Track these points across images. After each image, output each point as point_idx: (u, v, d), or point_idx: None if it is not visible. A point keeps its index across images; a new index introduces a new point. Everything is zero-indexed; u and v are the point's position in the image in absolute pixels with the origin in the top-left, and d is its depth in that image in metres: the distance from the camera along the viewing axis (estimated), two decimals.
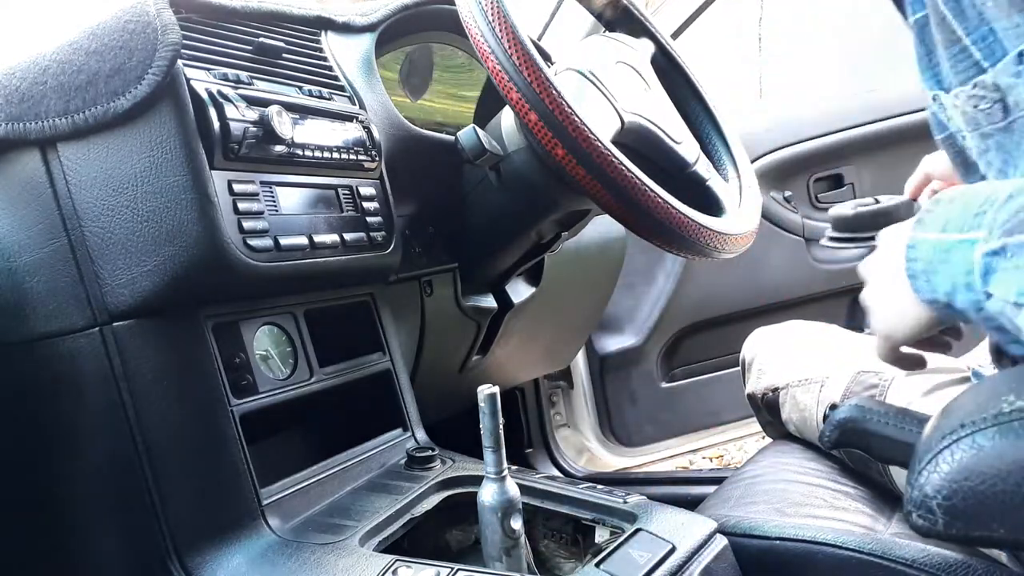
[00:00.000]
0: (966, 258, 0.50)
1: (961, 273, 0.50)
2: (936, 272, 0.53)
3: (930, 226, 0.54)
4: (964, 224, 0.51)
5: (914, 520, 0.41)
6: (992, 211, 0.49)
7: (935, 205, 0.55)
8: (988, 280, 0.48)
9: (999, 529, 0.39)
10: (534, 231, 1.09)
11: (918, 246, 0.55)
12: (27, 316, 0.69)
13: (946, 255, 0.52)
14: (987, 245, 0.48)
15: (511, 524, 0.62)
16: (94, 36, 0.69)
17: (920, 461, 0.41)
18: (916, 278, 0.55)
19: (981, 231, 0.49)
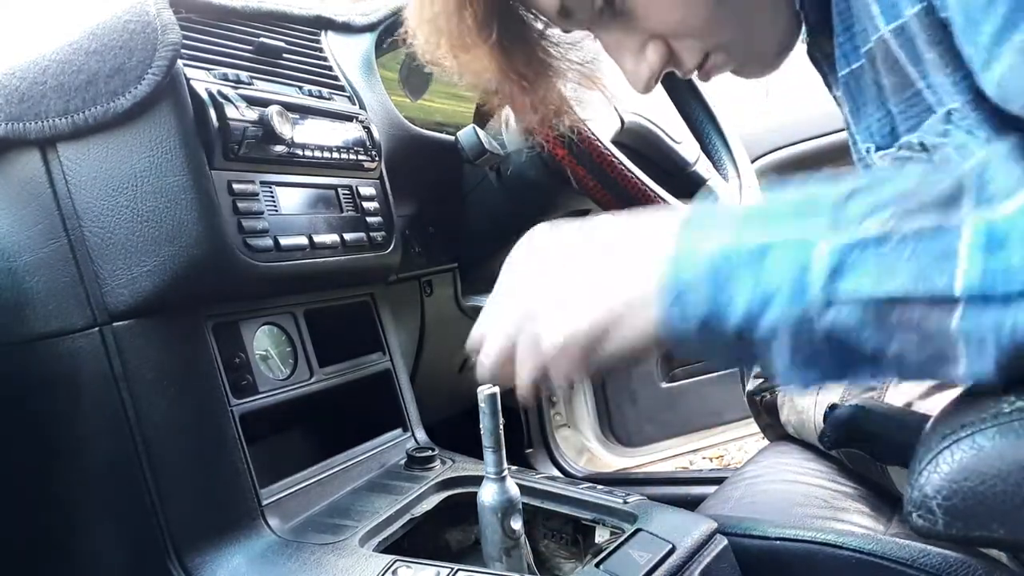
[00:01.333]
0: (795, 259, 0.41)
1: (784, 278, 0.41)
2: (733, 280, 0.42)
3: (710, 231, 0.44)
4: (780, 225, 0.42)
5: (914, 520, 0.41)
6: (830, 209, 0.41)
7: (702, 210, 0.47)
8: (839, 279, 0.40)
9: (999, 529, 0.39)
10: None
11: (697, 250, 0.44)
12: (27, 316, 0.69)
13: (756, 258, 0.42)
14: (839, 240, 0.40)
15: (511, 524, 0.62)
16: (94, 36, 0.69)
17: (920, 461, 0.41)
18: (682, 294, 0.44)
19: (812, 231, 0.41)
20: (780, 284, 0.41)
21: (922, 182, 0.40)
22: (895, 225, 0.39)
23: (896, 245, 0.39)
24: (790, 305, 0.41)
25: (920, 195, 0.39)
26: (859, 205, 0.41)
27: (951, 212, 0.38)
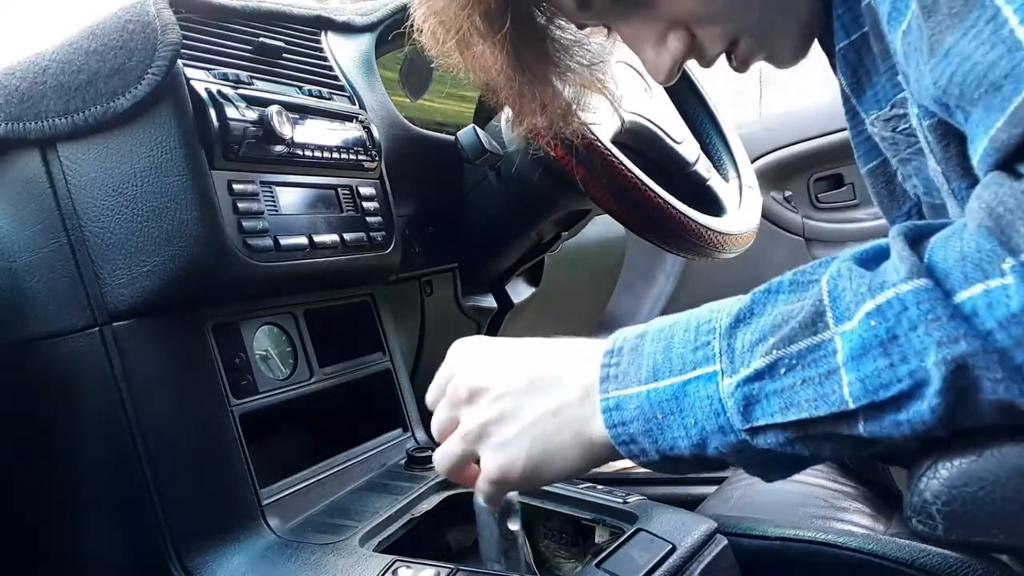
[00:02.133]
0: (707, 397, 0.44)
1: (707, 417, 0.44)
2: (666, 428, 0.45)
3: (627, 379, 0.47)
4: (684, 362, 0.45)
5: (914, 525, 0.41)
6: (718, 339, 0.44)
7: (614, 356, 0.48)
8: (752, 413, 0.42)
9: (999, 535, 0.39)
10: (534, 231, 1.09)
11: (622, 406, 0.47)
12: (27, 316, 0.69)
13: (674, 404, 0.45)
14: (738, 374, 0.42)
15: (508, 526, 0.62)
16: (94, 36, 0.69)
17: (920, 466, 0.41)
18: (632, 443, 0.47)
19: (713, 363, 0.44)
20: (705, 424, 0.44)
21: (789, 307, 0.42)
22: (779, 354, 0.41)
23: (786, 372, 0.41)
24: (723, 437, 0.44)
25: (791, 320, 0.41)
26: (744, 335, 0.43)
27: (820, 331, 0.40)
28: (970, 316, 0.36)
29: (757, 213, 1.08)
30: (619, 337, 0.50)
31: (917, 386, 0.38)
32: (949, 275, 0.36)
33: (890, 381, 0.38)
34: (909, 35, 0.42)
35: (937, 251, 0.38)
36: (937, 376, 0.37)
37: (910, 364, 0.37)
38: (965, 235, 0.37)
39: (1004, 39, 0.35)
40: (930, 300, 0.36)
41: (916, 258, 0.37)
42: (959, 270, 0.36)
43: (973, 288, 0.36)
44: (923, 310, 0.36)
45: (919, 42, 0.41)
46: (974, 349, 0.36)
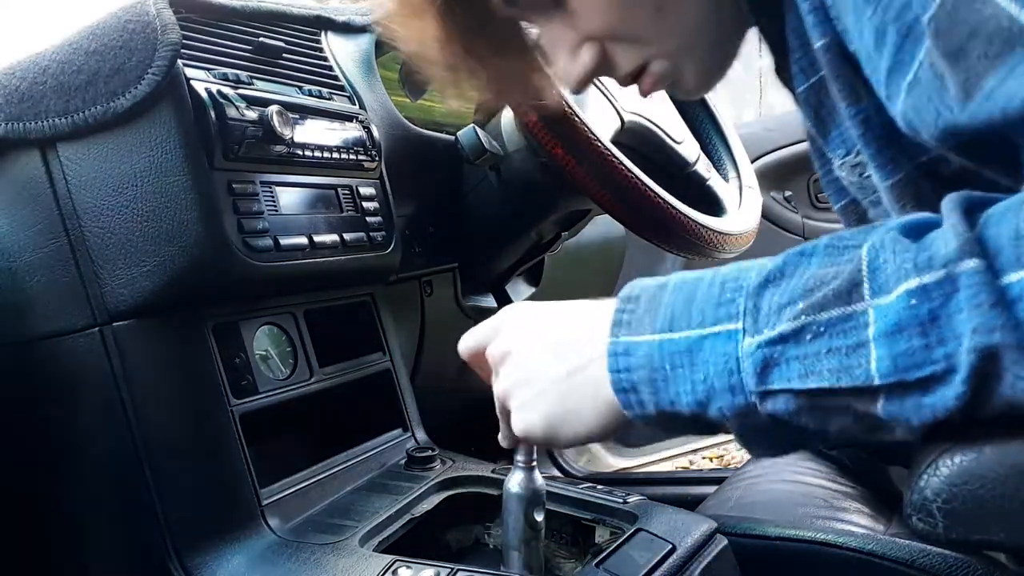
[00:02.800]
0: (724, 355, 0.42)
1: (719, 374, 0.43)
2: (672, 380, 0.44)
3: (640, 326, 0.46)
4: (704, 317, 0.44)
5: (914, 524, 0.41)
6: (744, 297, 0.43)
7: (630, 303, 0.47)
8: (769, 376, 0.41)
9: (999, 533, 0.39)
10: (534, 231, 1.09)
11: (631, 352, 0.46)
12: (27, 316, 0.69)
13: (687, 356, 0.44)
14: (761, 335, 0.41)
15: (535, 516, 0.62)
16: (94, 36, 0.69)
17: (920, 464, 0.41)
18: (631, 391, 0.46)
19: (736, 321, 0.42)
20: (715, 381, 0.43)
21: (824, 271, 0.41)
22: (807, 319, 0.40)
23: (812, 339, 0.40)
24: (731, 397, 0.43)
25: (823, 287, 0.40)
26: (772, 296, 0.42)
27: (854, 301, 0.39)
28: (1015, 301, 0.35)
29: (757, 213, 1.08)
30: (636, 285, 0.49)
31: (949, 371, 0.37)
32: (1001, 252, 0.35)
33: (923, 362, 0.37)
34: (918, 86, 0.41)
35: (992, 224, 0.36)
36: (966, 363, 0.36)
37: (947, 347, 0.36)
38: (1020, 213, 0.35)
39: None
40: (978, 284, 0.35)
41: (970, 233, 0.36)
42: (1012, 249, 0.35)
43: (1022, 271, 0.34)
44: (970, 294, 0.35)
45: (935, 91, 0.40)
46: (1007, 341, 0.35)
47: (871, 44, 0.43)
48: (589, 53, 0.62)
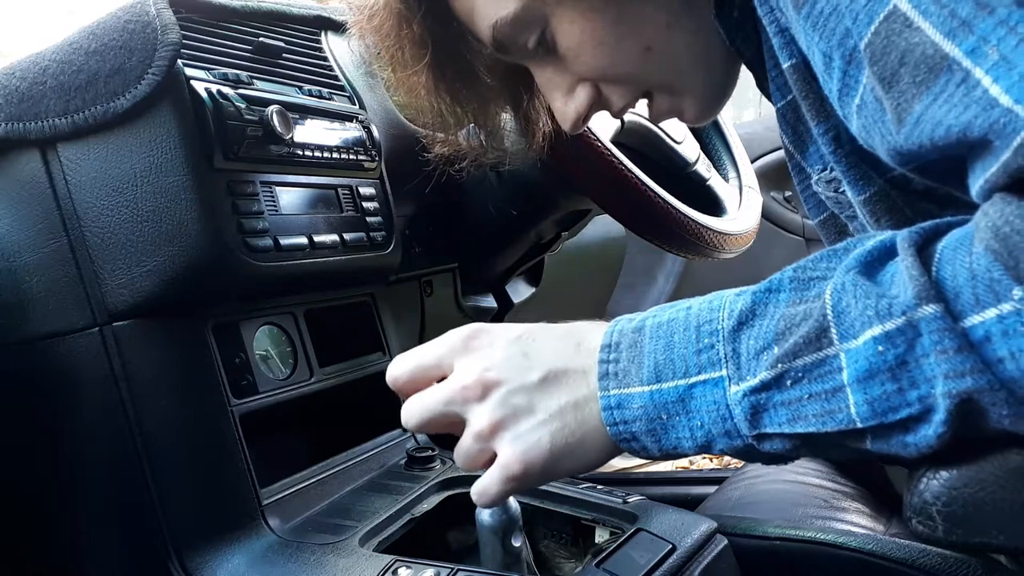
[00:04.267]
0: (714, 402, 0.44)
1: (713, 421, 0.44)
2: (671, 428, 0.45)
3: (628, 378, 0.47)
4: (688, 366, 0.45)
5: (914, 526, 0.41)
6: (722, 343, 0.44)
7: (612, 352, 0.48)
8: (760, 422, 0.42)
9: (999, 536, 0.39)
10: (534, 231, 1.09)
11: (624, 405, 0.47)
12: (27, 316, 0.69)
13: (681, 406, 0.45)
14: (745, 383, 0.42)
15: (512, 542, 0.61)
16: (94, 36, 0.69)
17: (920, 467, 0.41)
18: (633, 440, 0.47)
19: (719, 369, 0.43)
20: (712, 428, 0.44)
21: (792, 311, 0.42)
22: (785, 366, 0.41)
23: (793, 385, 0.41)
24: (729, 441, 0.44)
25: (794, 330, 0.41)
26: (748, 340, 0.43)
27: (825, 347, 0.40)
28: (980, 343, 0.35)
29: (757, 213, 1.08)
30: (615, 330, 0.49)
31: (926, 411, 0.37)
32: (960, 295, 0.36)
33: (899, 405, 0.38)
34: (865, 109, 0.42)
35: (946, 265, 0.37)
36: (943, 406, 0.37)
37: (920, 390, 0.37)
38: (974, 252, 0.36)
39: (978, 99, 0.35)
40: (939, 330, 0.36)
41: (926, 277, 0.36)
42: (970, 291, 0.35)
43: (985, 313, 0.35)
44: (932, 340, 0.36)
45: (879, 114, 0.41)
46: (980, 385, 0.35)
47: (821, 68, 0.44)
48: (584, 93, 0.63)
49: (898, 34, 0.37)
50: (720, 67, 0.64)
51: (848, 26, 0.40)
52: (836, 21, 0.41)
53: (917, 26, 0.36)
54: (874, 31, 0.38)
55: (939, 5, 0.36)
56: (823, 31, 0.42)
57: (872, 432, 0.39)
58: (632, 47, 0.60)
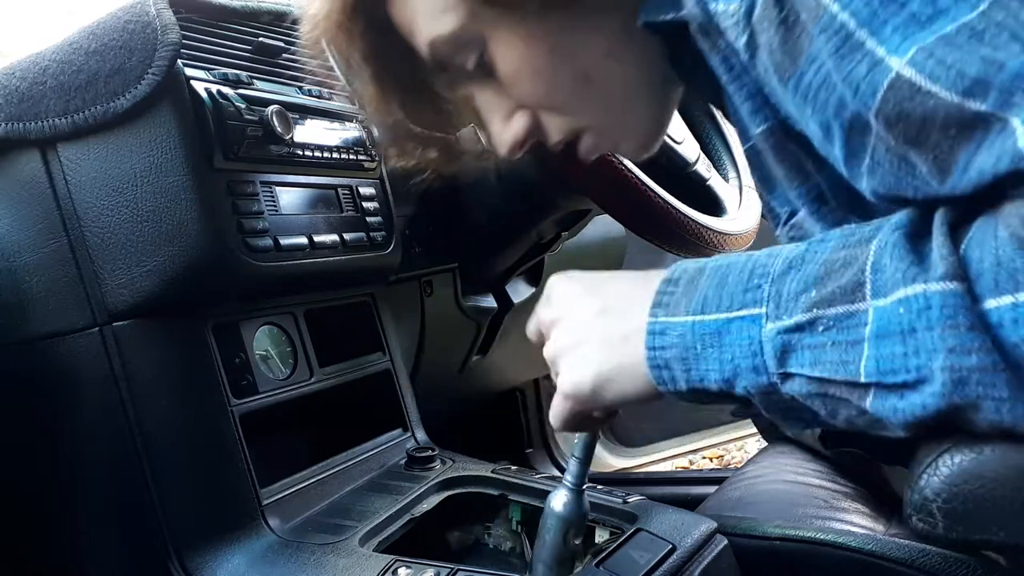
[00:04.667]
0: (749, 337, 0.45)
1: (744, 356, 0.45)
2: (703, 359, 0.47)
3: (677, 308, 0.48)
4: (732, 301, 0.46)
5: (914, 524, 0.41)
6: (769, 284, 0.45)
7: (671, 286, 0.50)
8: (787, 360, 0.43)
9: (999, 533, 0.39)
10: (534, 231, 1.09)
11: (667, 332, 0.48)
12: (27, 316, 0.69)
13: (716, 338, 0.46)
14: (780, 322, 0.43)
15: (574, 540, 0.60)
16: (94, 36, 0.69)
17: (920, 464, 0.41)
18: (664, 368, 0.49)
19: (761, 307, 0.45)
20: (741, 362, 0.45)
21: (835, 256, 0.43)
22: (819, 312, 0.42)
23: (823, 331, 0.42)
24: (755, 377, 0.45)
25: (833, 277, 0.42)
26: (791, 283, 0.44)
27: (857, 300, 0.41)
28: (994, 326, 0.36)
29: (757, 213, 1.08)
30: (679, 268, 0.51)
31: (919, 381, 0.38)
32: (981, 277, 0.37)
33: (899, 368, 0.39)
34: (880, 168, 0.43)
35: (974, 247, 0.38)
36: (939, 380, 0.38)
37: (920, 359, 0.38)
38: (999, 237, 0.37)
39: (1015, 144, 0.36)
40: (955, 306, 0.37)
41: (954, 256, 0.38)
42: (991, 275, 0.36)
43: (1002, 298, 0.36)
44: (945, 314, 0.37)
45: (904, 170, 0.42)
46: (984, 364, 0.36)
47: (820, 136, 0.45)
48: (521, 121, 0.63)
49: (910, 100, 0.38)
50: (660, 103, 0.65)
51: (844, 96, 0.41)
52: (828, 93, 0.42)
53: (928, 90, 0.37)
54: (882, 99, 0.39)
55: (945, 67, 0.36)
56: (815, 103, 0.43)
57: (874, 389, 0.40)
58: (570, 75, 0.60)
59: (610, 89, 0.61)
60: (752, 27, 0.44)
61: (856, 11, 0.39)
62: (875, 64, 0.39)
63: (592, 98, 0.61)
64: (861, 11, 0.39)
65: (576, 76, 0.60)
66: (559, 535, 0.60)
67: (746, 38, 0.45)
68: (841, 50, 0.40)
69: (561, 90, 0.61)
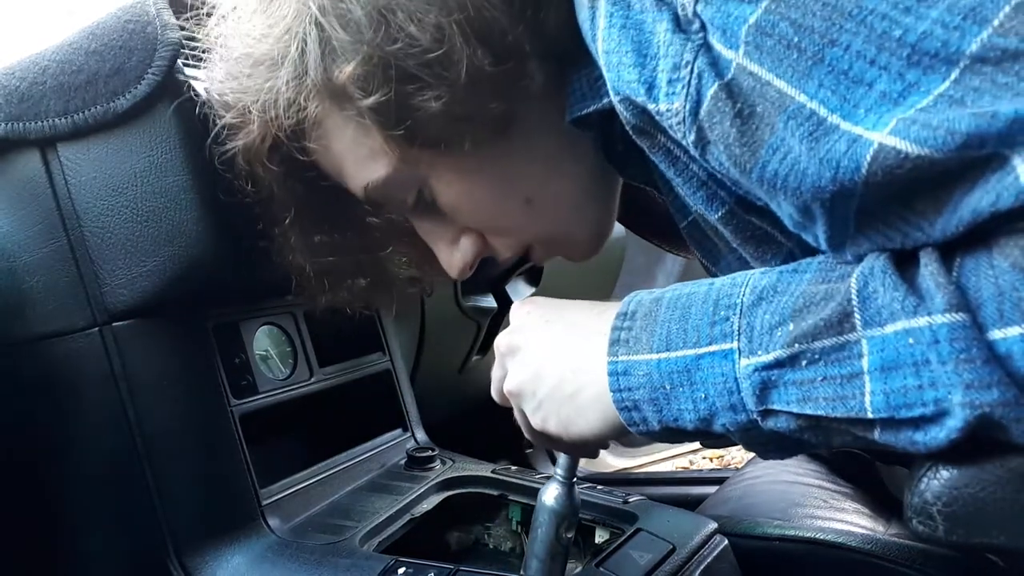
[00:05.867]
0: (722, 375, 0.43)
1: (719, 394, 0.43)
2: (674, 399, 0.45)
3: (638, 345, 0.46)
4: (700, 336, 0.44)
5: (914, 526, 0.41)
6: (739, 316, 0.43)
7: (627, 320, 0.48)
8: (768, 398, 0.41)
9: (999, 536, 0.39)
10: None
11: (631, 371, 0.46)
12: (27, 316, 0.69)
13: (686, 376, 0.44)
14: (756, 357, 0.41)
15: (566, 533, 0.60)
16: (94, 36, 0.69)
17: (920, 467, 0.41)
18: (634, 409, 0.46)
19: (731, 341, 0.42)
20: (716, 400, 0.43)
21: (813, 288, 0.41)
22: (802, 347, 0.40)
23: (808, 365, 0.40)
24: (733, 415, 0.43)
25: (813, 309, 0.40)
26: (764, 315, 0.42)
27: (846, 331, 0.39)
28: (1003, 358, 0.35)
29: None
30: (633, 300, 0.49)
31: (939, 414, 0.37)
32: (982, 308, 0.35)
33: (914, 402, 0.37)
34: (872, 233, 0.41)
35: (968, 276, 0.36)
36: (960, 415, 0.36)
37: (938, 392, 0.36)
38: (996, 266, 0.35)
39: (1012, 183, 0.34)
40: (965, 338, 0.35)
41: (953, 286, 0.36)
42: (994, 305, 0.35)
43: (1009, 329, 0.34)
44: (956, 348, 0.35)
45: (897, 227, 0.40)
46: (1006, 399, 0.35)
47: (798, 218, 0.42)
48: (468, 244, 0.64)
49: (898, 167, 0.36)
50: (603, 200, 0.65)
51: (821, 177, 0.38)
52: (799, 179, 0.39)
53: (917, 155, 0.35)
54: (869, 172, 0.37)
55: (932, 129, 0.35)
56: (786, 191, 0.40)
57: (882, 424, 0.39)
58: (512, 202, 0.60)
59: (554, 206, 0.62)
60: (699, 123, 0.42)
61: (824, 99, 0.37)
62: (854, 141, 0.37)
63: (537, 217, 0.61)
64: (830, 99, 0.37)
65: (518, 200, 0.60)
66: (552, 529, 0.60)
67: (695, 135, 0.43)
68: (815, 134, 0.38)
69: (505, 215, 0.61)
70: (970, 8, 0.34)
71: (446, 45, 0.51)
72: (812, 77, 0.38)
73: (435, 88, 0.52)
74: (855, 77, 0.37)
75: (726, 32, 0.40)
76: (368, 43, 0.51)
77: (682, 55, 0.42)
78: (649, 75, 0.44)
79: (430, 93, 0.52)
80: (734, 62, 0.40)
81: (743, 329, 0.42)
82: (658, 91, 0.44)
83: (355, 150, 0.58)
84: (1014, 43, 0.33)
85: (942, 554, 0.68)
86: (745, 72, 0.40)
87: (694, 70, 0.41)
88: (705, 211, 0.52)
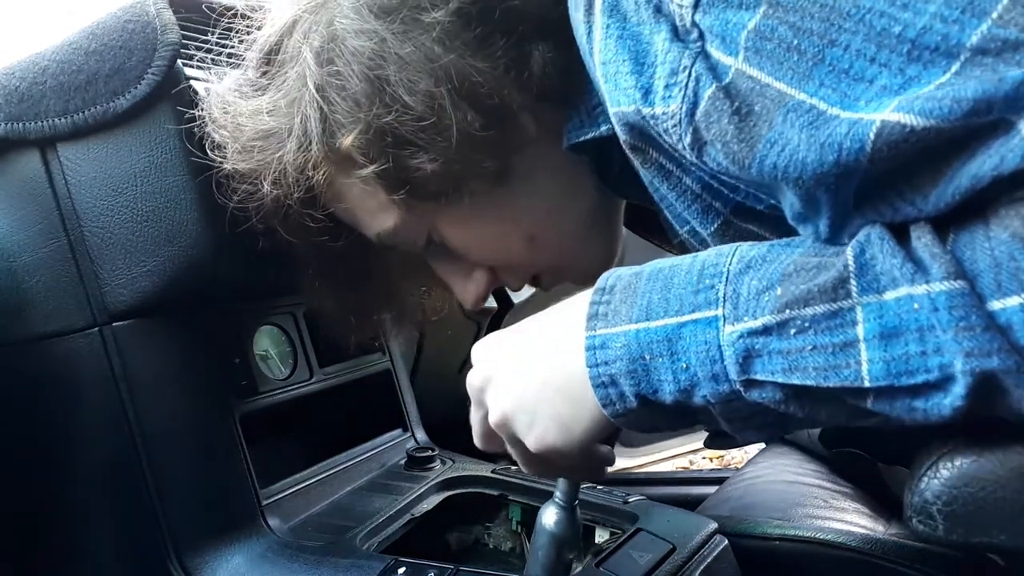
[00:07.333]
0: (705, 343, 0.41)
1: (700, 363, 0.41)
2: (653, 370, 0.43)
3: (616, 317, 0.44)
4: (682, 304, 0.42)
5: (914, 526, 0.41)
6: (724, 283, 0.41)
7: (604, 295, 0.46)
8: (751, 366, 0.40)
9: (999, 535, 0.39)
10: None
11: (608, 344, 0.44)
12: (27, 316, 0.69)
13: (666, 345, 0.42)
14: (742, 323, 0.40)
15: (567, 556, 0.60)
16: (94, 36, 0.69)
17: (920, 466, 0.41)
18: (611, 385, 0.44)
19: (715, 308, 0.41)
20: (697, 371, 0.42)
21: (806, 259, 0.40)
22: (791, 313, 0.38)
23: (797, 334, 0.38)
24: (715, 385, 0.41)
25: (805, 275, 0.39)
26: (751, 281, 0.41)
27: (840, 298, 0.38)
28: (1003, 328, 0.34)
29: None
30: (612, 275, 0.47)
31: (945, 380, 0.36)
32: (979, 278, 0.35)
33: (917, 369, 0.36)
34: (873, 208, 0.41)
35: (963, 248, 0.36)
36: (963, 382, 0.36)
37: (943, 358, 0.36)
38: (992, 238, 0.35)
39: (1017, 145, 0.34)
40: (964, 306, 0.35)
41: (948, 255, 0.36)
42: (991, 276, 0.35)
43: (1008, 299, 0.34)
44: (956, 316, 0.35)
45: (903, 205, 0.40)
46: (1007, 366, 0.35)
47: (802, 208, 0.42)
48: (481, 277, 0.66)
49: (903, 140, 0.36)
50: (606, 227, 0.67)
51: (822, 163, 0.38)
52: (798, 169, 0.39)
53: (924, 127, 0.35)
54: (874, 149, 0.36)
55: (937, 100, 0.35)
56: (787, 182, 0.40)
57: (877, 393, 0.38)
58: (516, 241, 0.63)
59: (557, 241, 0.64)
60: (696, 124, 0.42)
61: (825, 96, 0.37)
62: (854, 124, 0.37)
63: (541, 252, 0.64)
64: (830, 96, 0.37)
65: (522, 239, 0.63)
66: (552, 552, 0.59)
67: (691, 137, 0.43)
68: (815, 123, 0.38)
69: (511, 253, 0.64)
70: (968, 1, 0.34)
71: (437, 112, 0.54)
72: (813, 78, 0.38)
73: (430, 152, 0.55)
74: (856, 75, 0.37)
75: (725, 39, 0.40)
76: (365, 113, 0.55)
77: (680, 61, 0.42)
78: (646, 81, 0.44)
79: (425, 156, 0.55)
80: (732, 67, 0.40)
81: (728, 296, 0.41)
82: (654, 95, 0.44)
83: (363, 205, 0.62)
84: (1014, 33, 0.34)
85: (942, 554, 0.68)
86: (744, 76, 0.40)
87: (692, 74, 0.42)
88: (699, 226, 0.53)
